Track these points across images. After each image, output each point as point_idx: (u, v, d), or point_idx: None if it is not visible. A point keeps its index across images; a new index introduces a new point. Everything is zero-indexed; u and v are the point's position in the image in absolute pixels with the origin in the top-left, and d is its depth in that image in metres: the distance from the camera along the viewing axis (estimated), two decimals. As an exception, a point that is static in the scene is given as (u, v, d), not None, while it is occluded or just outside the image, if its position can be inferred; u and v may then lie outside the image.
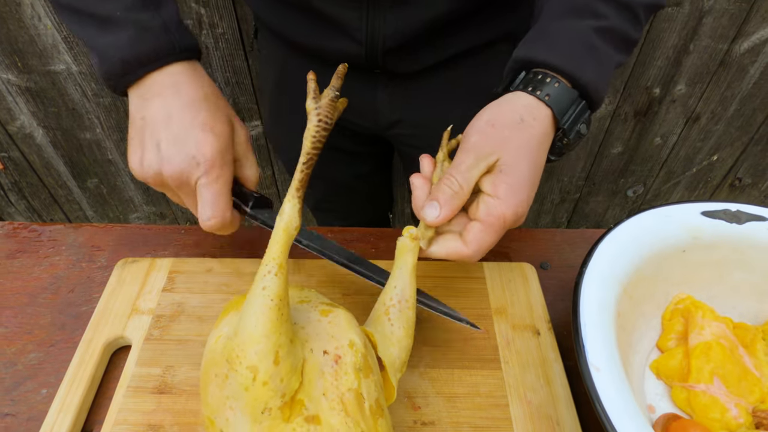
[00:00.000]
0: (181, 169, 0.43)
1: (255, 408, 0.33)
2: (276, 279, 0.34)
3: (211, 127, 0.43)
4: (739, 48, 1.10)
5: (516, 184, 0.40)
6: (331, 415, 0.34)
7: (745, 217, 0.49)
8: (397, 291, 0.43)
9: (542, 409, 0.45)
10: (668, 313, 0.50)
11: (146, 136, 0.44)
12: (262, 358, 0.33)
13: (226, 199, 0.44)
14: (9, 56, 1.06)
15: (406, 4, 0.53)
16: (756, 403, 0.44)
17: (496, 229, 0.40)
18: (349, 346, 0.36)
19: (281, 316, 0.34)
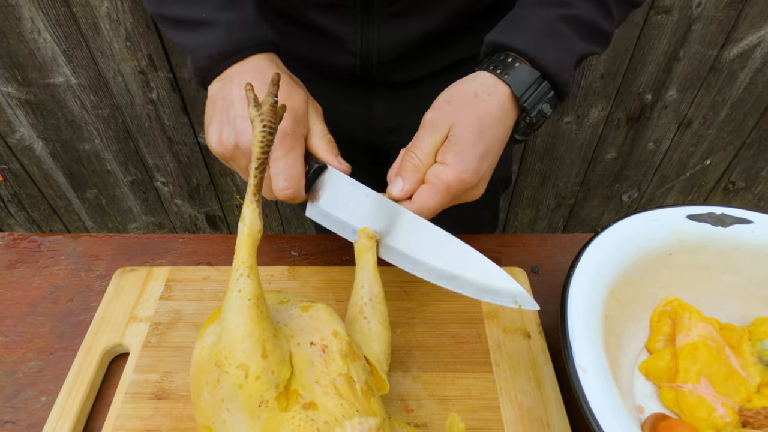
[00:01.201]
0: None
1: (252, 403, 0.35)
2: (249, 280, 0.36)
3: (285, 103, 0.45)
4: (728, 54, 1.11)
5: (462, 152, 0.43)
6: (326, 400, 0.36)
7: (730, 220, 0.50)
8: (365, 290, 0.45)
9: (533, 411, 0.46)
10: (656, 315, 0.51)
11: (226, 114, 0.46)
12: (250, 355, 0.34)
13: (300, 170, 0.46)
14: (9, 69, 1.08)
15: (400, 18, 0.55)
16: (742, 402, 0.45)
17: (440, 191, 0.43)
18: (334, 335, 0.38)
19: (260, 314, 0.36)
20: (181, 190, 1.36)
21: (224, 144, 0.46)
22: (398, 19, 0.55)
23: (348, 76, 0.62)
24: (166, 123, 1.19)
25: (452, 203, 0.45)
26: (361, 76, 0.61)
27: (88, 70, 1.09)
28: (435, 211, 0.44)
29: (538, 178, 1.36)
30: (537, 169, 1.34)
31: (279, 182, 0.45)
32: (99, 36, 1.03)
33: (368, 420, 0.35)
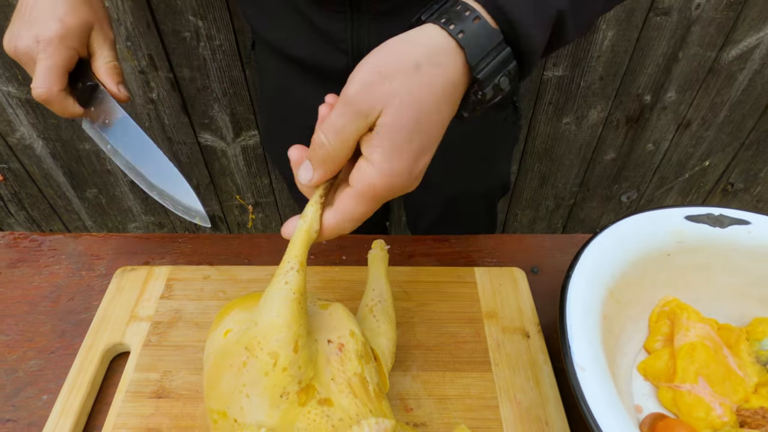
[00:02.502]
0: (26, 46, 0.48)
1: (274, 393, 0.35)
2: (297, 275, 0.37)
3: (60, 18, 0.48)
4: (727, 55, 1.11)
5: (392, 149, 0.34)
6: (341, 397, 0.37)
7: (728, 221, 0.50)
8: (375, 293, 0.47)
9: (532, 410, 0.46)
10: (654, 315, 0.51)
11: (15, 17, 0.50)
12: (282, 346, 0.35)
13: (56, 75, 0.48)
14: (9, 69, 1.08)
15: (389, 15, 0.55)
16: (740, 402, 0.45)
17: (366, 199, 0.35)
18: (350, 335, 0.40)
19: (301, 309, 0.36)
20: (181, 190, 1.36)
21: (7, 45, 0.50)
22: (387, 17, 0.55)
23: (342, 76, 0.62)
24: (166, 122, 1.19)
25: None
26: None
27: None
28: (362, 220, 0.37)
29: (537, 179, 1.37)
30: (536, 170, 1.34)
31: (34, 81, 0.48)
32: (99, 36, 1.04)
33: (384, 421, 0.35)
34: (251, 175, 1.32)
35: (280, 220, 1.45)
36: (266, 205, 1.41)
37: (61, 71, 0.49)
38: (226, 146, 1.25)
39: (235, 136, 1.23)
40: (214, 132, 1.22)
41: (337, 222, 0.37)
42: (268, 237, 0.62)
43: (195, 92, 1.14)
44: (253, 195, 1.38)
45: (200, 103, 1.16)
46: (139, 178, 0.52)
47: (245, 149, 1.26)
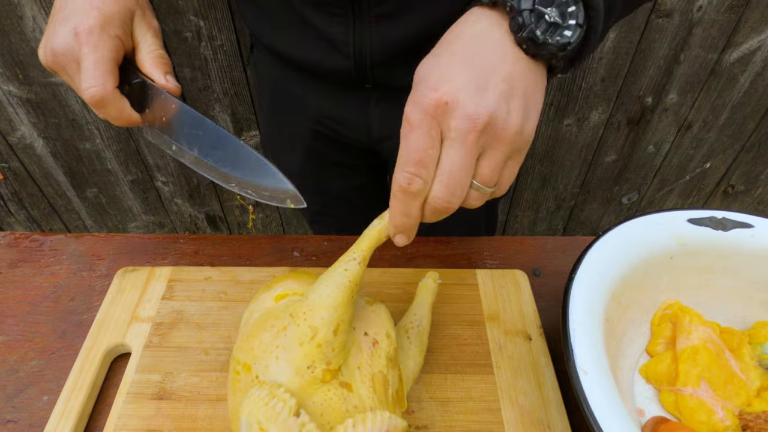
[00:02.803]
0: (65, 43, 0.42)
1: (302, 363, 0.37)
2: (358, 267, 0.39)
3: (98, 6, 0.42)
4: (728, 58, 1.11)
5: (417, 81, 0.35)
6: (361, 387, 0.38)
7: (731, 225, 0.50)
8: (416, 318, 0.47)
9: (533, 412, 0.46)
10: (657, 318, 0.51)
11: (49, 22, 0.44)
12: (325, 324, 0.37)
13: (107, 68, 0.42)
14: (10, 68, 1.08)
15: (390, 18, 0.54)
16: (742, 405, 0.45)
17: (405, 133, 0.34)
18: (386, 336, 0.41)
19: (351, 299, 0.38)
20: (182, 190, 1.36)
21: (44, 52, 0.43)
22: (388, 19, 0.55)
23: (343, 79, 0.62)
24: (167, 123, 1.19)
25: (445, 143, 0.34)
26: (356, 79, 0.61)
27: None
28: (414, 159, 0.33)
29: (538, 181, 1.37)
30: (537, 172, 1.34)
31: (84, 81, 0.41)
32: (101, 35, 1.04)
33: (397, 419, 0.36)
34: (252, 176, 1.32)
35: (280, 220, 1.45)
36: (266, 206, 1.41)
37: (111, 64, 0.42)
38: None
39: (236, 136, 1.22)
40: (214, 132, 1.22)
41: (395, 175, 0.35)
42: (270, 238, 0.62)
43: (196, 92, 1.14)
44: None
45: (201, 103, 1.16)
46: (213, 172, 0.45)
47: (246, 149, 1.25)
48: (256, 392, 0.36)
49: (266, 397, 0.35)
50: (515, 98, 0.34)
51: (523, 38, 0.34)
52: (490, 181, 0.36)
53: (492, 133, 0.33)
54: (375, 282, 0.55)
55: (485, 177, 0.35)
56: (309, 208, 0.90)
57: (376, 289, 0.55)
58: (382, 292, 0.54)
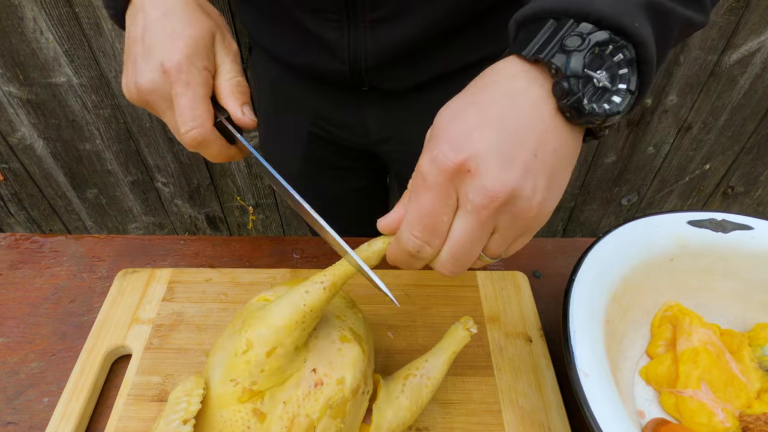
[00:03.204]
0: (151, 81, 0.39)
1: (228, 373, 0.36)
2: (321, 292, 0.36)
3: (180, 35, 0.39)
4: (728, 59, 1.12)
5: (438, 133, 0.31)
6: (275, 423, 0.35)
7: (731, 226, 0.50)
8: (426, 366, 0.42)
9: (534, 414, 0.46)
10: (657, 320, 0.51)
11: (127, 56, 0.41)
12: (260, 342, 0.35)
13: (203, 106, 0.39)
14: (11, 69, 1.08)
15: (384, 23, 0.54)
16: (742, 407, 0.45)
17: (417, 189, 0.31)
18: (337, 382, 0.36)
19: (301, 324, 0.36)
20: (182, 191, 1.36)
21: (129, 90, 0.41)
22: (383, 24, 0.55)
23: (340, 83, 0.62)
24: (167, 123, 1.19)
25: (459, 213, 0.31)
26: (352, 83, 0.61)
27: (89, 70, 1.09)
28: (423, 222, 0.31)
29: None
30: (537, 173, 1.34)
31: (183, 123, 0.39)
32: (101, 36, 1.04)
33: None
34: (252, 177, 1.32)
35: (280, 221, 1.45)
36: (266, 207, 1.41)
37: (205, 101, 0.40)
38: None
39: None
40: (215, 133, 1.22)
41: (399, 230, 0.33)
42: (270, 239, 0.62)
43: (196, 93, 1.14)
44: (254, 196, 1.38)
45: (201, 104, 1.16)
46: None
47: (246, 150, 1.26)
48: (185, 382, 0.36)
49: (182, 392, 0.35)
50: (542, 177, 0.30)
51: (567, 106, 0.30)
52: (496, 254, 0.33)
53: (510, 212, 0.30)
54: (375, 284, 0.55)
55: (493, 251, 0.33)
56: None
57: (375, 291, 0.55)
58: (382, 294, 0.54)
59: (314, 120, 0.70)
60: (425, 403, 0.42)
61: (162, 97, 0.40)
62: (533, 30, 0.32)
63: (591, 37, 0.30)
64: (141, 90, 0.40)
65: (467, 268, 0.33)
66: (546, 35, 0.31)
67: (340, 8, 0.53)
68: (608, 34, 0.30)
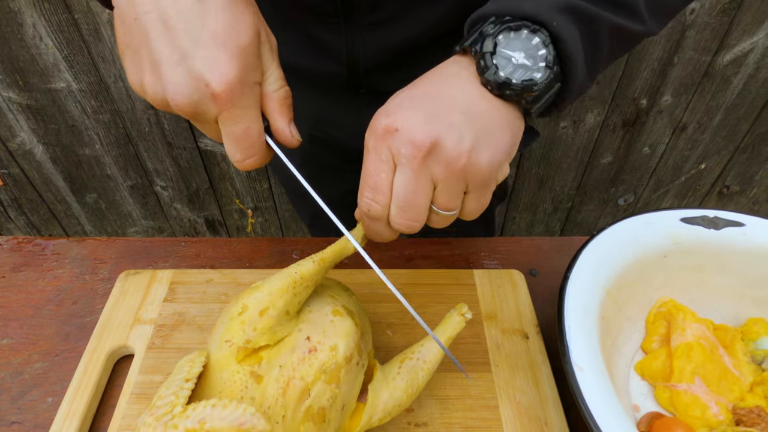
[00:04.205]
0: (192, 101, 0.32)
1: (225, 334, 0.38)
2: (312, 265, 0.40)
3: (225, 40, 0.31)
4: (722, 60, 1.13)
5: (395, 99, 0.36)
6: (271, 385, 0.37)
7: (723, 223, 0.51)
8: (422, 350, 0.44)
9: (531, 410, 0.46)
10: (651, 316, 0.52)
11: (143, 49, 0.32)
12: (254, 303, 0.38)
13: (259, 131, 0.35)
14: (10, 75, 1.09)
15: (382, 25, 0.55)
16: (736, 401, 0.46)
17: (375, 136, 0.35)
18: (330, 349, 0.38)
19: (292, 290, 0.39)
20: (181, 195, 1.37)
21: (149, 95, 0.33)
22: (381, 26, 0.55)
23: (337, 84, 0.63)
24: (166, 128, 1.20)
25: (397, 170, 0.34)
26: (349, 84, 0.62)
27: (89, 75, 1.10)
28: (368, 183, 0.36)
29: (535, 183, 1.38)
30: (534, 174, 1.35)
31: (236, 154, 0.35)
32: (100, 42, 1.04)
33: (261, 419, 0.34)
34: (251, 180, 1.33)
35: (279, 224, 1.46)
36: (265, 210, 1.42)
37: (260, 122, 0.35)
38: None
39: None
40: (213, 137, 1.23)
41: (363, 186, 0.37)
42: (270, 240, 0.63)
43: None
44: (253, 199, 1.39)
45: (200, 108, 1.16)
46: None
47: (245, 154, 1.26)
48: (187, 356, 0.39)
49: (185, 360, 0.38)
50: (469, 131, 0.34)
51: (487, 80, 0.35)
52: (449, 208, 0.36)
53: (440, 159, 0.33)
54: (373, 282, 0.56)
55: (442, 204, 0.36)
56: (306, 213, 0.91)
57: (374, 289, 0.56)
58: (380, 293, 0.55)
59: (312, 122, 0.71)
60: (421, 386, 0.43)
61: (201, 115, 0.34)
62: (471, 32, 0.37)
63: (503, 23, 0.35)
64: (173, 105, 0.32)
65: (421, 222, 0.36)
66: (476, 32, 0.36)
67: (338, 11, 0.54)
68: (520, 22, 0.35)
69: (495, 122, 0.35)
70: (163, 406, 0.34)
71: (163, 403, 0.34)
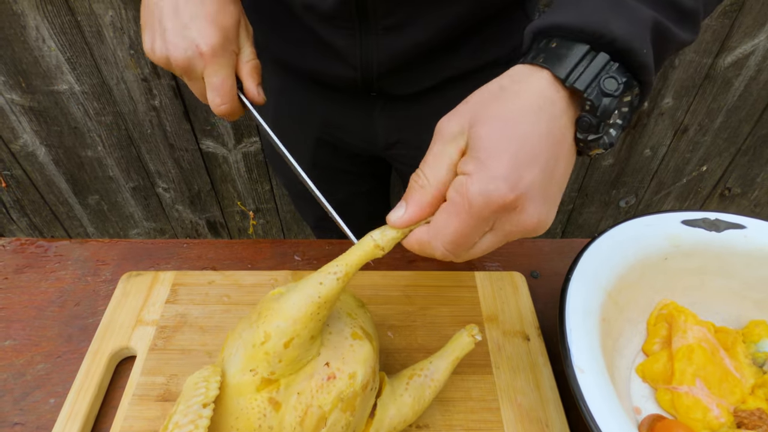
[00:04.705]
0: (186, 57, 0.45)
1: (248, 363, 0.37)
2: (335, 283, 0.37)
3: (214, 19, 0.45)
4: (723, 62, 1.13)
5: (487, 157, 0.32)
6: (289, 413, 0.36)
7: (724, 226, 0.51)
8: (431, 367, 0.44)
9: (532, 411, 0.46)
10: (653, 318, 0.52)
11: (156, 23, 0.46)
12: (278, 333, 0.36)
13: (230, 86, 0.46)
14: (13, 77, 1.09)
15: (396, 30, 0.55)
16: (737, 403, 0.46)
17: (459, 209, 0.32)
18: (349, 376, 0.38)
19: (316, 315, 0.36)
20: (183, 196, 1.37)
21: (157, 55, 0.46)
22: (395, 31, 0.56)
23: (349, 88, 0.63)
24: (168, 130, 1.20)
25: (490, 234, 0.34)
26: (361, 88, 0.62)
27: (91, 77, 1.10)
28: (458, 241, 0.33)
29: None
30: (535, 176, 1.35)
31: (214, 99, 0.46)
32: (103, 44, 1.05)
33: None
34: (252, 182, 1.33)
35: (280, 225, 1.46)
36: (267, 211, 1.42)
37: (233, 79, 0.47)
38: (228, 153, 1.26)
39: (236, 143, 1.24)
40: (215, 138, 1.23)
41: (429, 236, 0.34)
42: (272, 242, 0.63)
43: (196, 99, 1.15)
44: (254, 201, 1.39)
45: (202, 110, 1.17)
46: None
47: (246, 156, 1.27)
48: (201, 370, 0.37)
49: (199, 378, 0.36)
50: (557, 205, 0.34)
51: (585, 139, 0.34)
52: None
53: (526, 234, 0.34)
54: (376, 284, 0.56)
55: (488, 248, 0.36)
56: (312, 215, 0.92)
57: (377, 291, 0.56)
58: (382, 295, 0.55)
59: (322, 126, 0.71)
60: (427, 403, 0.43)
61: (191, 70, 0.46)
62: (563, 50, 0.33)
63: (623, 83, 0.33)
64: (172, 61, 0.45)
65: None
66: (584, 66, 0.33)
67: (353, 16, 0.54)
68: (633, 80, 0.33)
69: (567, 178, 0.35)
70: None
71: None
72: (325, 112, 0.69)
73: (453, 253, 0.34)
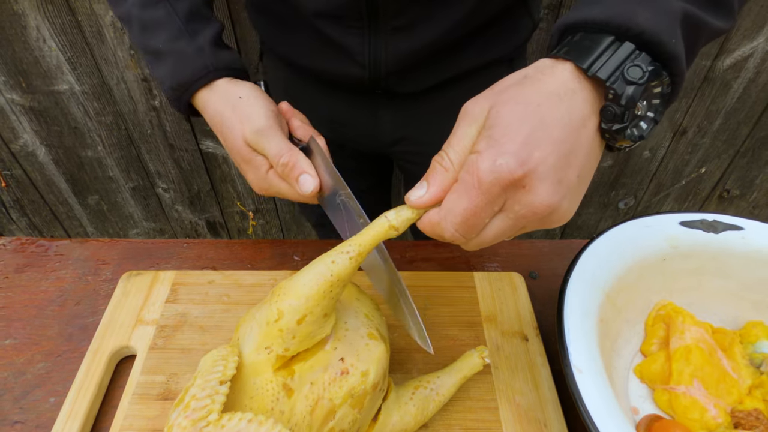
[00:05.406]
0: (244, 152, 0.47)
1: (263, 341, 0.37)
2: (348, 261, 0.36)
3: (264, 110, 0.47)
4: (722, 64, 1.13)
5: (498, 134, 0.32)
6: (301, 401, 0.37)
7: (722, 227, 0.52)
8: (438, 382, 0.45)
9: (530, 411, 0.47)
10: (651, 319, 0.52)
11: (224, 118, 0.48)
12: (290, 311, 0.36)
13: (305, 163, 0.45)
14: (14, 77, 1.09)
15: (405, 29, 0.56)
16: (734, 403, 0.46)
17: (468, 187, 0.32)
18: (362, 374, 0.38)
19: (329, 293, 0.37)
20: (182, 197, 1.37)
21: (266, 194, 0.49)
22: (404, 31, 0.56)
23: (356, 87, 0.63)
24: (168, 130, 1.20)
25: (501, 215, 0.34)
26: (368, 87, 0.62)
27: (92, 77, 1.10)
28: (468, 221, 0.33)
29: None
30: (534, 177, 1.36)
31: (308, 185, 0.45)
32: (103, 44, 1.05)
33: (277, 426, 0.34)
34: (252, 182, 1.33)
35: (280, 226, 1.46)
36: (266, 212, 1.42)
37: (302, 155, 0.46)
38: (227, 153, 1.26)
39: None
40: (215, 139, 1.23)
41: (440, 217, 0.34)
42: (271, 242, 0.63)
43: (197, 100, 1.15)
44: (254, 201, 1.39)
45: (202, 110, 1.17)
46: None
47: (246, 156, 1.27)
48: (219, 349, 0.38)
49: (218, 357, 0.37)
50: (578, 195, 0.33)
51: (610, 129, 0.33)
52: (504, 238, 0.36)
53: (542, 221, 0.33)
54: (375, 285, 0.56)
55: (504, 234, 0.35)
56: (313, 212, 0.92)
57: (377, 291, 0.56)
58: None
59: (326, 124, 0.71)
60: (430, 415, 0.44)
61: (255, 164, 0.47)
62: (587, 42, 0.33)
63: (649, 72, 0.32)
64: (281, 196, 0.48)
65: None
66: (608, 56, 0.33)
67: (362, 16, 0.55)
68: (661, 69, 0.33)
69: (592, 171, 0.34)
70: (198, 410, 0.34)
71: (198, 406, 0.34)
72: (331, 110, 0.69)
73: (463, 235, 0.34)
